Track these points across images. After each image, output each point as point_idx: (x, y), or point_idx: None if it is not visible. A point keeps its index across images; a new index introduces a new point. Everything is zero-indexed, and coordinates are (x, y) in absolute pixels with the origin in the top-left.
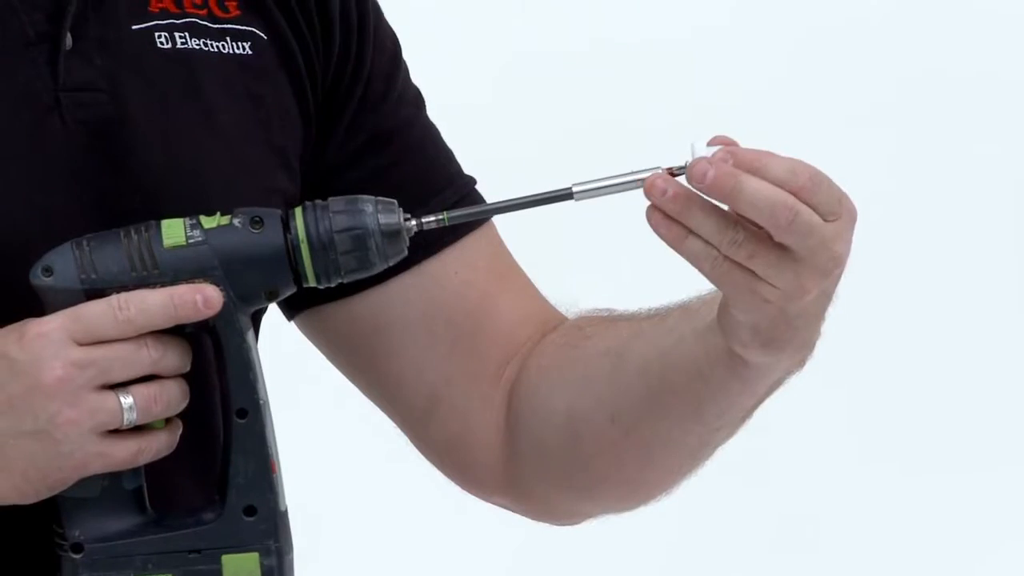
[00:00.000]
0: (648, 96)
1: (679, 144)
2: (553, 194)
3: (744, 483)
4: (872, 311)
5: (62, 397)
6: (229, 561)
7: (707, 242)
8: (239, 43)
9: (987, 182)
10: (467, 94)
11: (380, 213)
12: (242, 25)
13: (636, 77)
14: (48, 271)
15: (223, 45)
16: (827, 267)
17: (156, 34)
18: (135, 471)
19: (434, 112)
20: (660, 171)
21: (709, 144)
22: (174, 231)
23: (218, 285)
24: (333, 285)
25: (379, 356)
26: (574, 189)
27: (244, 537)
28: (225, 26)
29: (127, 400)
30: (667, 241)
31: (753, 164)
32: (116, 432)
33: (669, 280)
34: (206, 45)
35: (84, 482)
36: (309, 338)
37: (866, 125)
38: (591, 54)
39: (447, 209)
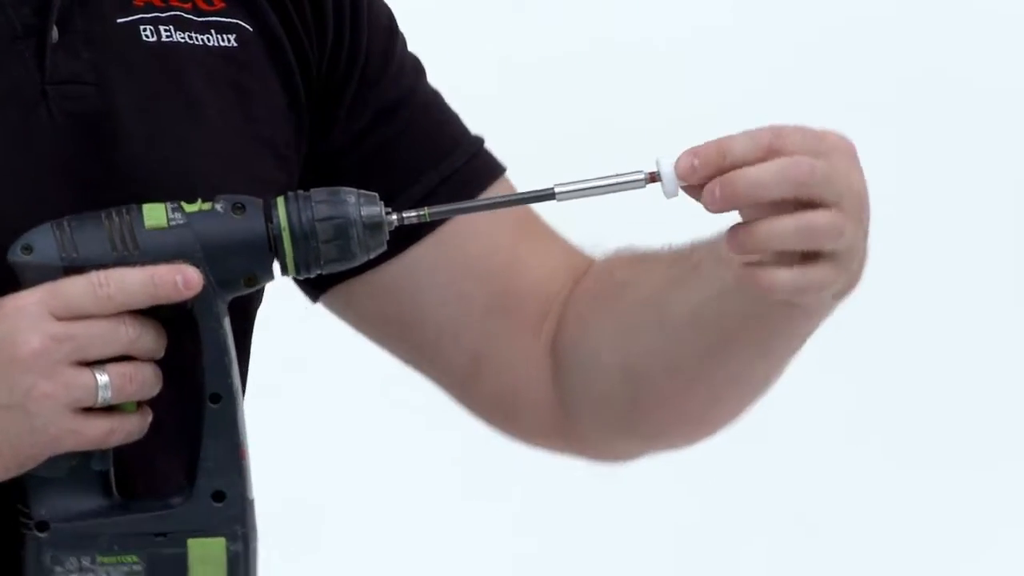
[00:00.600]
0: (648, 96)
1: (679, 144)
2: (536, 194)
3: (746, 483)
4: (872, 311)
5: (38, 370)
6: (195, 545)
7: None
8: (224, 35)
9: (987, 182)
10: (468, 94)
11: (362, 205)
12: (227, 17)
13: (636, 77)
14: (28, 249)
15: (208, 38)
16: (857, 208)
17: (141, 27)
18: (104, 454)
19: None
20: (643, 175)
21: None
22: (155, 214)
23: (198, 268)
24: (312, 275)
25: (414, 324)
26: (556, 190)
27: (211, 522)
28: (210, 19)
29: (103, 378)
30: (758, 284)
31: (717, 154)
32: (90, 410)
33: None
34: (191, 38)
35: (53, 461)
36: (339, 316)
37: (866, 125)
38: (591, 54)
39: (459, 170)
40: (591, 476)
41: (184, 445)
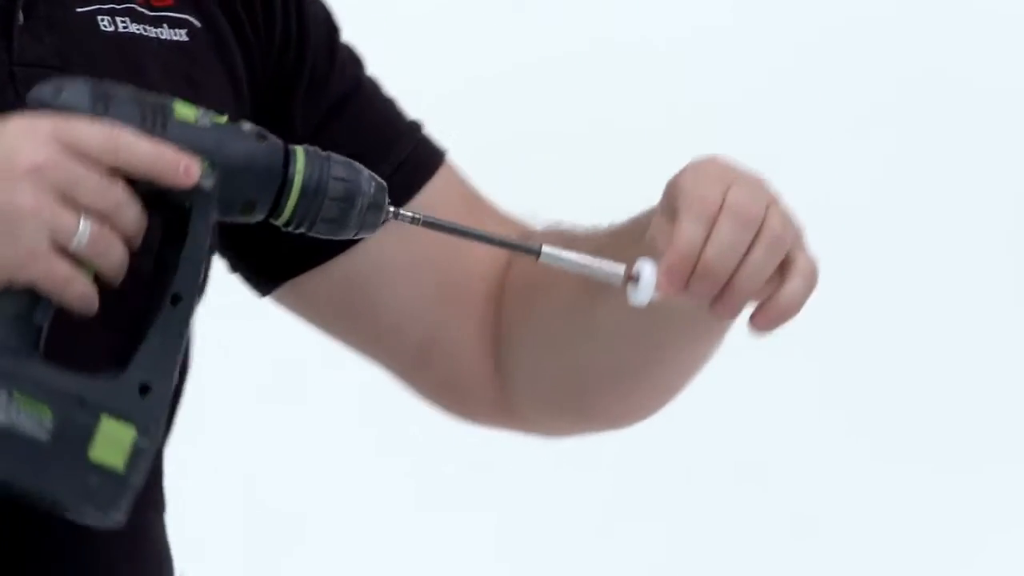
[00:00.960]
0: (648, 96)
1: (678, 145)
2: (522, 245)
3: (733, 482)
4: (872, 310)
5: (32, 183)
6: (107, 424)
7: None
8: (175, 29)
9: (987, 182)
10: (468, 94)
11: (373, 182)
12: (177, 12)
13: (636, 77)
14: (59, 92)
15: (161, 31)
16: (764, 189)
17: (99, 17)
18: (48, 308)
19: (433, 109)
20: (622, 272)
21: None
22: (186, 111)
23: (213, 171)
24: (296, 231)
25: (369, 311)
26: (544, 249)
27: (131, 408)
28: (161, 13)
29: (84, 224)
30: (782, 316)
31: (687, 260)
32: (60, 251)
33: None
34: (145, 31)
35: (3, 296)
36: (291, 309)
37: (867, 125)
38: (591, 54)
39: (408, 159)
40: (567, 484)
41: (123, 340)
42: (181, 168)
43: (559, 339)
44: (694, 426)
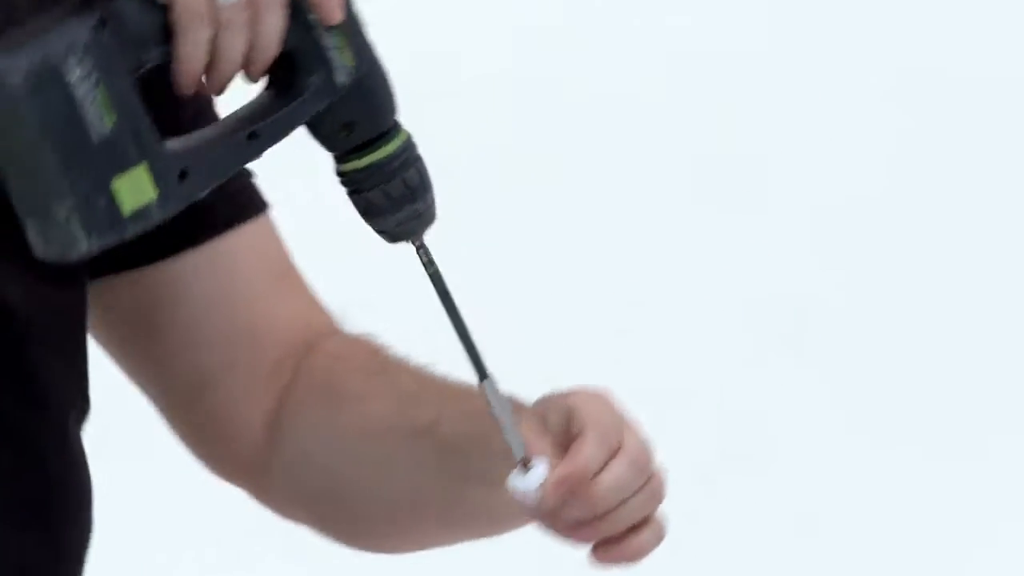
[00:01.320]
0: (648, 86)
1: (677, 143)
2: (481, 361)
3: (735, 476)
4: (872, 309)
5: None
6: (142, 171)
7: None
8: None
9: (987, 181)
10: (473, 72)
11: (435, 206)
12: None
13: (637, 63)
14: None
15: None
16: (647, 442)
17: None
18: (161, 54)
19: (436, 99)
20: (520, 456)
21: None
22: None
23: (353, 74)
24: (348, 186)
25: (161, 329)
26: (489, 380)
27: (166, 178)
28: None
29: None
30: (626, 560)
31: (579, 468)
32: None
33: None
34: None
35: (140, 9)
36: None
37: (866, 124)
38: (590, 33)
39: (239, 192)
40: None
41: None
42: (336, 3)
43: (350, 456)
44: (691, 425)
